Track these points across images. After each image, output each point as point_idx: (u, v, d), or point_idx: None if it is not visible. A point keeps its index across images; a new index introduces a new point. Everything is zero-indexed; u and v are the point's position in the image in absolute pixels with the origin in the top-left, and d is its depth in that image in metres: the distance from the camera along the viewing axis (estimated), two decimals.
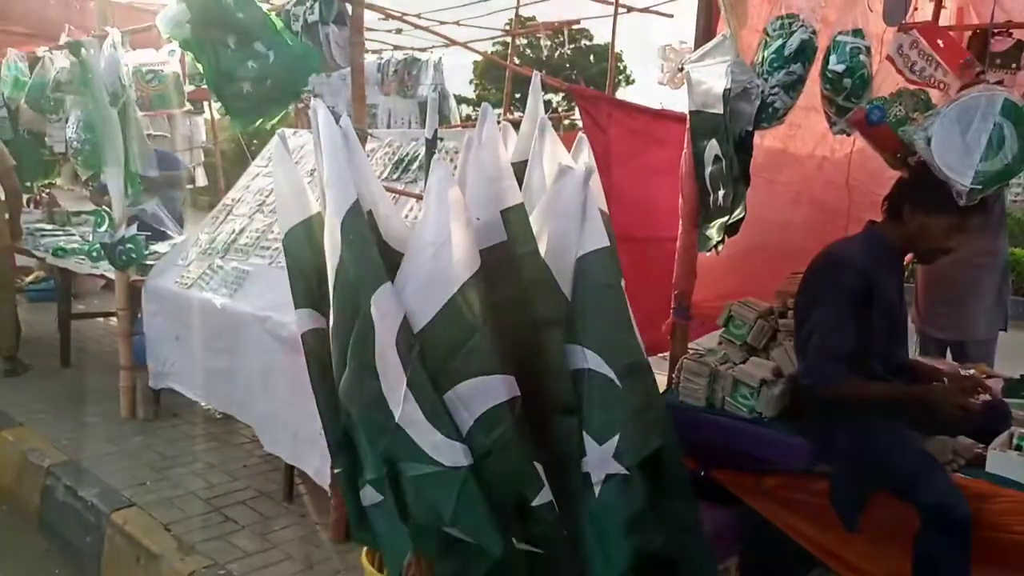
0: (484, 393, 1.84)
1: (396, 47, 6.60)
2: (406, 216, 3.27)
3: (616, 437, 1.87)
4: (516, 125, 2.47)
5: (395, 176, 3.68)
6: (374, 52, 6.53)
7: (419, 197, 3.25)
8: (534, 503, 1.87)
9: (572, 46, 23.11)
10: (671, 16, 5.11)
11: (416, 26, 4.96)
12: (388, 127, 6.17)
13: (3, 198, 5.19)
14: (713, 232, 2.77)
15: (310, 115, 2.17)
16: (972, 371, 3.02)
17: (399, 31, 6.15)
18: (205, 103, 7.03)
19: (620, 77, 23.49)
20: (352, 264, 1.87)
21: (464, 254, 1.84)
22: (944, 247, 2.41)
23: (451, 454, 1.80)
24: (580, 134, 2.75)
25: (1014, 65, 3.07)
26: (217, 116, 7.23)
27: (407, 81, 6.46)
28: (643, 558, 1.91)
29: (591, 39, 23.68)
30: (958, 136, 2.20)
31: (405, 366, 1.81)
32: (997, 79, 2.32)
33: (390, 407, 1.82)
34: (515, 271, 1.91)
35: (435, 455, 1.80)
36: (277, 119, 3.43)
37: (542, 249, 1.97)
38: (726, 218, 2.69)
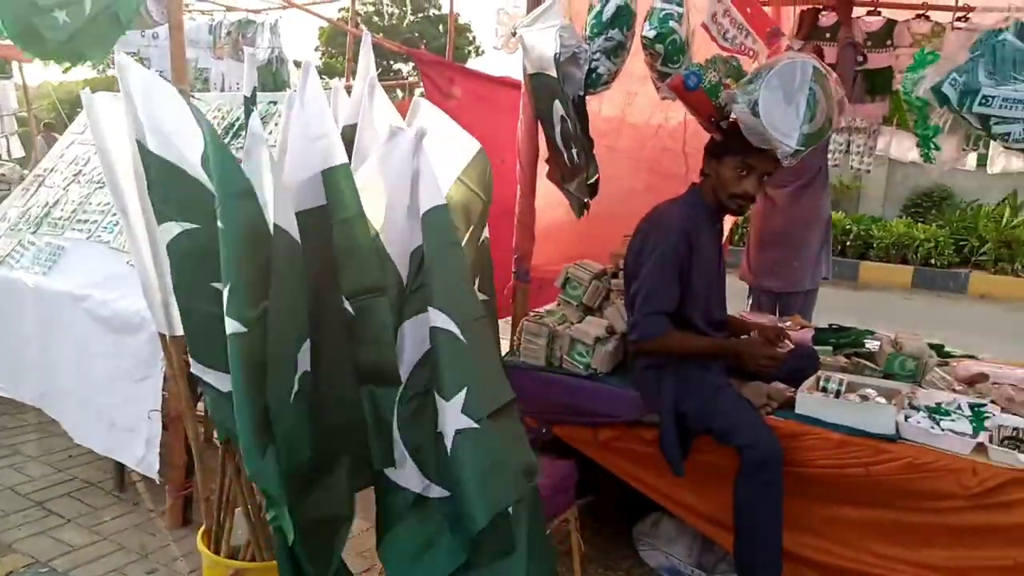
0: None
1: (228, 8, 6.25)
2: None
3: (463, 391, 1.83)
4: None
5: (224, 142, 3.49)
6: (204, 12, 6.16)
7: None
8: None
9: (420, 15, 22.77)
10: None
11: None
12: (222, 92, 5.85)
13: None
14: (575, 191, 2.79)
15: (116, 72, 2.00)
16: (788, 323, 3.28)
17: None
18: (14, 64, 6.39)
19: (470, 48, 23.40)
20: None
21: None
22: (741, 191, 2.50)
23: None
24: (416, 97, 2.71)
25: (888, 42, 3.31)
26: (32, 83, 6.60)
27: (242, 44, 6.14)
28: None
29: (439, 8, 23.42)
30: (782, 101, 2.33)
31: None
32: (799, 48, 2.47)
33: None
34: (331, 237, 1.84)
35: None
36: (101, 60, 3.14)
37: (378, 210, 1.92)
38: (583, 176, 2.72)
